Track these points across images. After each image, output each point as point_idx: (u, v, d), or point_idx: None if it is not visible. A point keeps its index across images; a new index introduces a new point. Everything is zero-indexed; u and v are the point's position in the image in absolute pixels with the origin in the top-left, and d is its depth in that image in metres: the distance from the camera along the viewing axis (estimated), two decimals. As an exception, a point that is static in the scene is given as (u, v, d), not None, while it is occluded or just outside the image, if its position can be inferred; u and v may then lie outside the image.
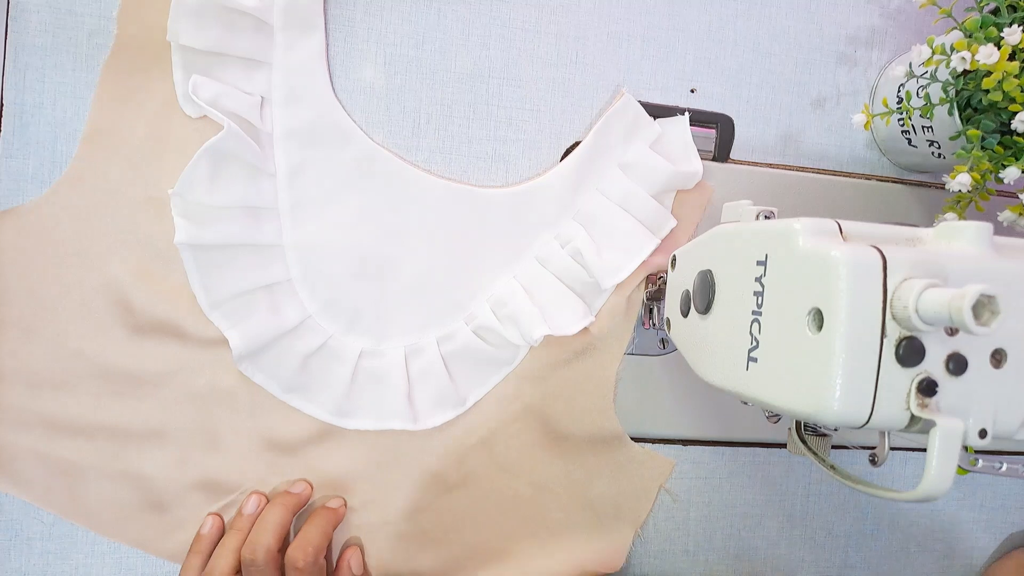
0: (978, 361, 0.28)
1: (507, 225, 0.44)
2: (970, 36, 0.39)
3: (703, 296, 0.37)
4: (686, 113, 0.46)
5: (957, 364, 0.27)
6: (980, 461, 0.31)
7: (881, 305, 0.27)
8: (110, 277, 0.41)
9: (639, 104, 0.45)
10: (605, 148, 0.45)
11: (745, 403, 0.35)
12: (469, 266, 0.44)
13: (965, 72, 0.40)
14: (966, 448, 0.28)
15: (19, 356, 0.40)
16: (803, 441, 0.38)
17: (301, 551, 0.40)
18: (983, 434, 0.28)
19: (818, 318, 0.28)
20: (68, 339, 0.41)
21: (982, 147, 0.40)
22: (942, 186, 0.50)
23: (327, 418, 0.43)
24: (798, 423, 0.39)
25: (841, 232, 0.29)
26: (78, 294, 0.41)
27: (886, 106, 0.44)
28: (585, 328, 0.44)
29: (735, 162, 0.49)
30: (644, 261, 0.44)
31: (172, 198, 0.39)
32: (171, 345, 0.41)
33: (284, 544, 0.41)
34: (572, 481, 0.47)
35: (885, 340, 0.27)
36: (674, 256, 0.42)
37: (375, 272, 0.43)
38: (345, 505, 0.43)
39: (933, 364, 0.27)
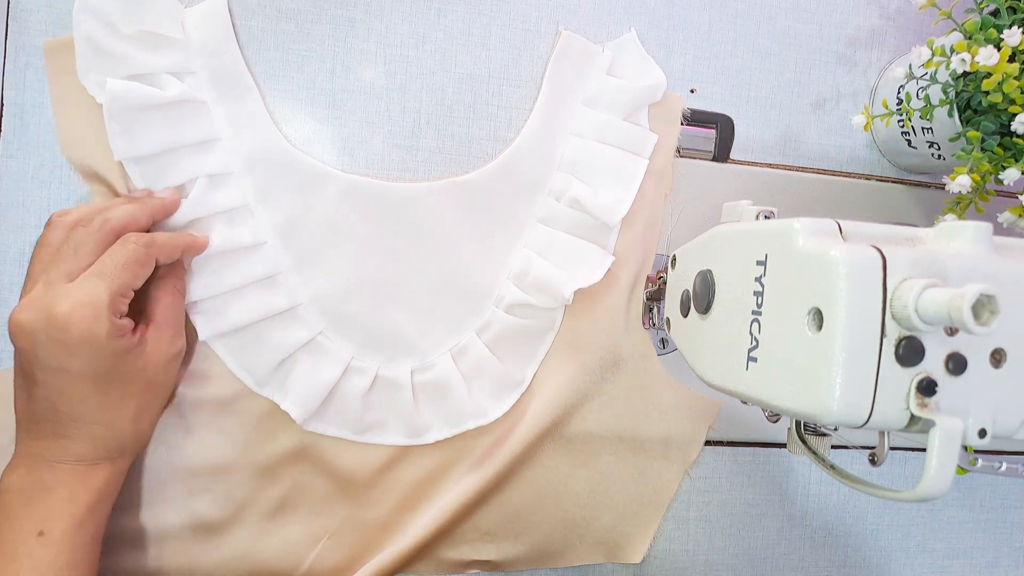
0: (978, 361, 0.28)
1: (500, 200, 0.44)
2: (970, 38, 0.39)
3: (703, 296, 0.37)
4: (632, 29, 0.46)
5: (957, 364, 0.27)
6: (980, 461, 0.31)
7: (881, 305, 0.27)
8: None
9: (580, 37, 0.45)
10: (563, 91, 0.45)
11: (745, 403, 0.35)
12: (480, 252, 0.44)
13: (965, 74, 0.40)
14: (966, 448, 0.28)
15: None
16: (803, 441, 0.38)
17: (142, 237, 0.36)
18: (983, 434, 0.28)
19: (818, 318, 0.28)
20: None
21: (982, 148, 0.40)
22: (942, 186, 0.50)
23: (404, 442, 0.44)
24: (798, 423, 0.39)
25: (841, 232, 0.29)
26: None
27: (886, 107, 0.44)
28: (610, 272, 0.44)
29: (735, 162, 0.49)
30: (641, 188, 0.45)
31: (187, 304, 0.40)
32: (229, 430, 0.42)
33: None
34: (622, 425, 0.47)
35: (885, 340, 0.27)
36: (674, 256, 0.42)
37: (397, 294, 0.43)
38: (177, 193, 0.39)
39: (933, 364, 0.27)
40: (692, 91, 0.48)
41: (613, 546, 0.48)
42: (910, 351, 0.27)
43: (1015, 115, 0.38)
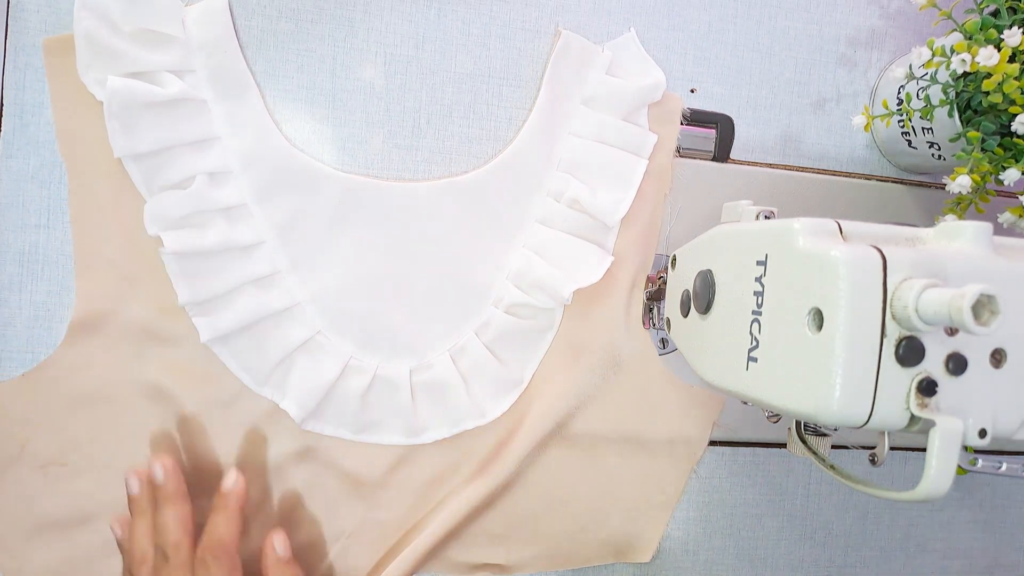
0: (978, 361, 0.28)
1: (498, 200, 0.44)
2: (970, 38, 0.39)
3: (703, 296, 0.37)
4: (631, 29, 0.46)
5: (957, 364, 0.27)
6: (980, 461, 0.31)
7: (881, 305, 0.27)
8: (151, 388, 0.41)
9: (580, 37, 0.45)
10: (563, 91, 0.45)
11: (745, 403, 0.35)
12: (479, 252, 0.44)
13: (965, 74, 0.40)
14: (966, 448, 0.28)
15: (96, 497, 0.41)
16: (803, 441, 0.38)
17: (211, 551, 0.37)
18: (983, 434, 0.28)
19: (818, 318, 0.28)
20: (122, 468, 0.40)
21: (982, 149, 0.40)
22: (942, 187, 0.50)
23: (403, 441, 0.44)
24: (798, 423, 0.39)
25: (841, 232, 0.29)
26: (126, 418, 0.41)
27: (886, 108, 0.44)
28: (609, 272, 0.44)
29: (735, 162, 0.49)
30: (640, 187, 0.45)
31: (183, 306, 0.40)
32: (232, 431, 0.42)
33: (197, 531, 0.39)
34: (627, 426, 0.47)
35: (885, 340, 0.27)
36: (674, 256, 0.42)
37: (395, 294, 0.43)
38: (242, 477, 0.40)
39: (933, 364, 0.27)
40: (692, 91, 0.48)
41: (623, 546, 0.48)
42: (910, 351, 0.27)
43: (1015, 115, 0.38)
